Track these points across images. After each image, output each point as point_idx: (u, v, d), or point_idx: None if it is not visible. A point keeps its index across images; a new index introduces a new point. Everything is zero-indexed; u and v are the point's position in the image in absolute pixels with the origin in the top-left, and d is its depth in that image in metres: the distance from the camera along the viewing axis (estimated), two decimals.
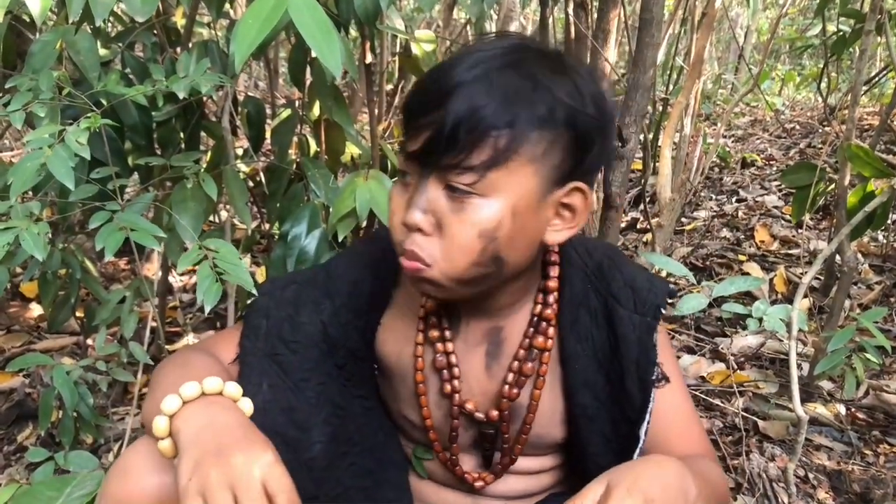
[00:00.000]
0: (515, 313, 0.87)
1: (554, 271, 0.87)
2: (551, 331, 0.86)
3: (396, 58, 2.16)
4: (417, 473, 0.99)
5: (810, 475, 1.46)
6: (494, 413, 0.88)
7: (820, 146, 3.79)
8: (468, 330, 0.89)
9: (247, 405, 0.76)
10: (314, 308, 0.91)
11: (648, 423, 0.85)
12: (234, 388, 0.76)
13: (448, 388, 0.89)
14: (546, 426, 0.90)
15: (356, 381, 0.94)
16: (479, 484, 0.93)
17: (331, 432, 0.90)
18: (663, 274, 2.39)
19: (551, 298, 0.86)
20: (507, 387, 0.87)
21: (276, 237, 1.37)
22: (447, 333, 0.88)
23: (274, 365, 0.89)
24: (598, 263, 0.88)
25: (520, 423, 0.89)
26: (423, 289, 0.79)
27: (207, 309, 0.95)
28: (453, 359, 0.88)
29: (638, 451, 0.85)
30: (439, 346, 0.88)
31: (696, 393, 1.76)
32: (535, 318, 0.87)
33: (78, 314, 1.65)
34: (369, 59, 1.36)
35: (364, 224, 1.39)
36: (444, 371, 0.89)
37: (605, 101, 0.77)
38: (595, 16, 1.87)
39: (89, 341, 1.75)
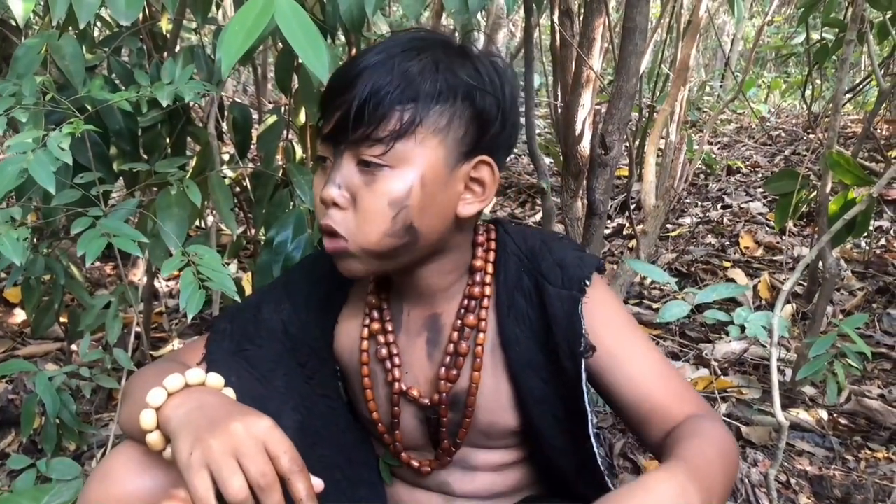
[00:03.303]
0: (451, 299, 0.91)
1: (481, 252, 0.90)
2: (484, 312, 0.89)
3: None
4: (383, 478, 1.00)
5: (792, 480, 1.47)
6: (436, 397, 0.90)
7: (804, 153, 3.83)
8: (409, 320, 0.92)
9: (230, 393, 0.77)
10: (275, 307, 0.95)
11: (588, 395, 0.85)
12: (216, 379, 0.77)
13: (390, 377, 0.92)
14: (495, 412, 0.91)
15: (319, 381, 0.96)
16: (425, 469, 0.96)
17: (299, 421, 0.91)
18: (647, 281, 2.41)
19: (478, 277, 0.90)
20: (443, 369, 0.90)
21: (262, 243, 1.37)
22: (388, 325, 0.92)
23: (241, 360, 0.91)
24: (531, 247, 0.91)
25: (462, 408, 0.91)
26: (346, 267, 0.82)
27: (190, 317, 0.96)
28: (394, 349, 0.92)
29: (591, 427, 0.86)
30: (381, 337, 0.92)
31: None
32: (465, 298, 0.90)
33: (62, 320, 1.64)
34: None
35: None
36: (387, 361, 0.92)
37: (504, 82, 0.83)
38: (581, 23, 1.88)
39: (73, 347, 1.74)
